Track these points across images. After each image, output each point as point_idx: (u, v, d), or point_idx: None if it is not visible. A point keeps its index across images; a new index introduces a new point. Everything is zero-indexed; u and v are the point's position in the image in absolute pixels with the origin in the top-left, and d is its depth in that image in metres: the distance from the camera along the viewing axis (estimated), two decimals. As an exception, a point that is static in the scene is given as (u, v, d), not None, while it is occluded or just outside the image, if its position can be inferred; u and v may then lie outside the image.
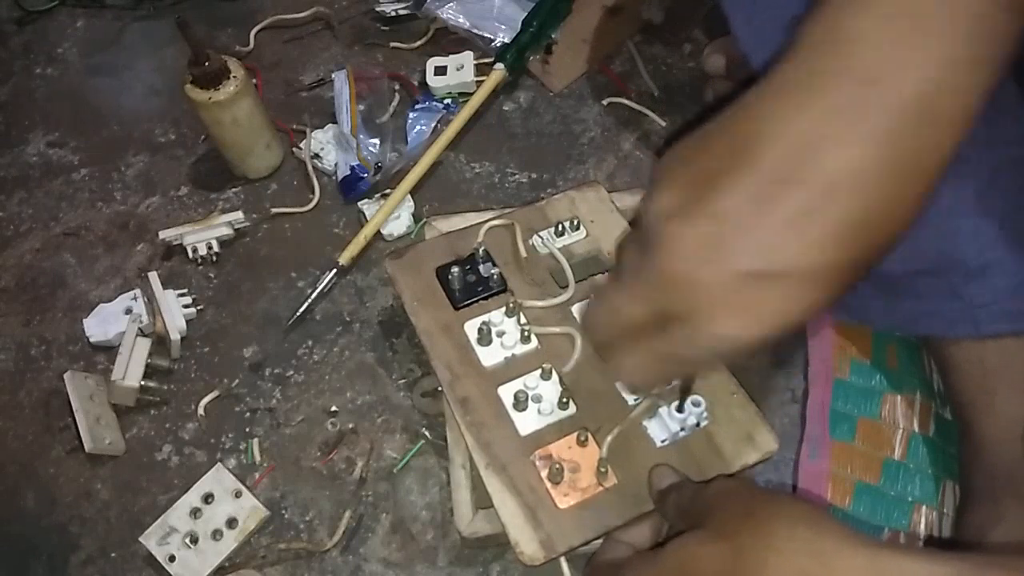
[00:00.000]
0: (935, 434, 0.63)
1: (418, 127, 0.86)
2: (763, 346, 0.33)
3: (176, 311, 0.74)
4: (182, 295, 0.76)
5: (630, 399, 0.57)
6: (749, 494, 0.41)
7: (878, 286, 0.61)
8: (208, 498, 0.65)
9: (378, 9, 0.97)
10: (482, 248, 0.64)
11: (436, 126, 0.86)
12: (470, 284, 0.63)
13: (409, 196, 0.80)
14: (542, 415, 0.56)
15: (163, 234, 0.79)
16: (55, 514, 0.67)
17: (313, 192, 0.84)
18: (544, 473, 0.54)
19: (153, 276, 0.75)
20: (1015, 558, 0.32)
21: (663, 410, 0.55)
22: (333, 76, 0.87)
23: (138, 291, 0.76)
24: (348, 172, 0.82)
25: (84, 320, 0.76)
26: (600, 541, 0.52)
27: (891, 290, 0.60)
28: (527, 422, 0.56)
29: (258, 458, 0.68)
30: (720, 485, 0.42)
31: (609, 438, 0.54)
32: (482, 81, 0.85)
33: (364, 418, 0.70)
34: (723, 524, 0.38)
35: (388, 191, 0.80)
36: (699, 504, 0.42)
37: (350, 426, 0.69)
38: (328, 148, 0.86)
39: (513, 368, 0.59)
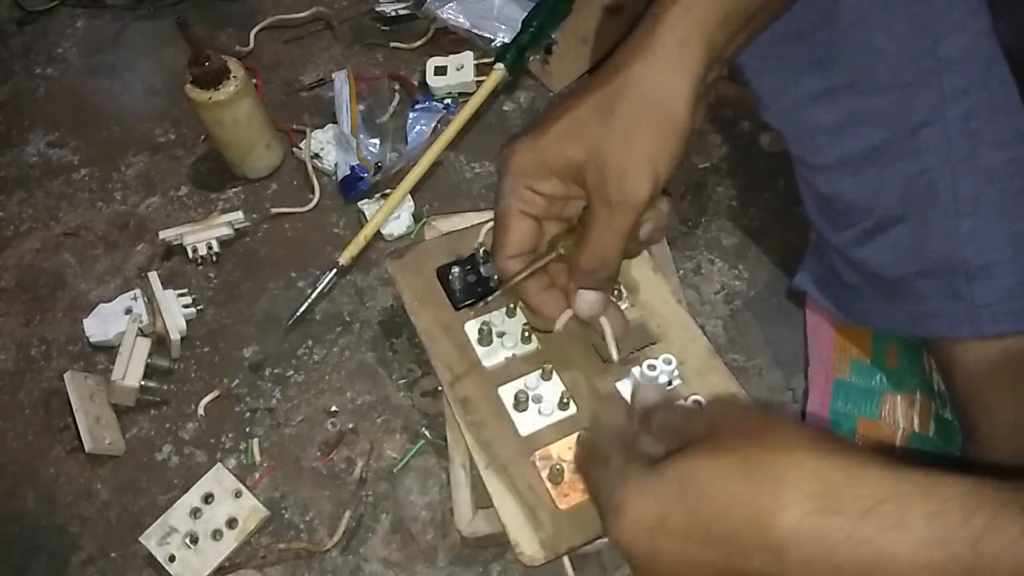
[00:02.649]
0: (935, 434, 0.63)
1: (418, 127, 0.86)
2: None
3: (176, 311, 0.74)
4: (182, 295, 0.76)
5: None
6: (752, 413, 0.40)
7: (878, 288, 0.61)
8: (208, 498, 0.65)
9: (378, 9, 0.97)
10: (483, 248, 0.64)
11: (436, 126, 0.86)
12: (471, 284, 0.63)
13: (409, 196, 0.80)
14: (542, 415, 0.56)
15: (163, 234, 0.79)
16: (55, 514, 0.67)
17: (313, 192, 0.84)
18: (544, 473, 0.54)
19: (153, 276, 0.75)
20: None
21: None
22: (333, 76, 0.87)
23: (138, 291, 0.76)
24: (348, 172, 0.82)
25: (84, 320, 0.76)
26: (601, 542, 0.52)
27: (892, 291, 0.60)
28: (527, 422, 0.56)
29: (258, 458, 0.68)
30: (719, 404, 0.41)
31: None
32: (482, 81, 0.85)
33: (364, 418, 0.70)
34: (727, 439, 0.36)
35: (388, 191, 0.80)
36: (696, 422, 0.40)
37: (350, 426, 0.69)
38: (328, 148, 0.86)
39: (513, 368, 0.59)
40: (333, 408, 0.70)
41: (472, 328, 0.61)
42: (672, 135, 0.45)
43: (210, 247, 0.79)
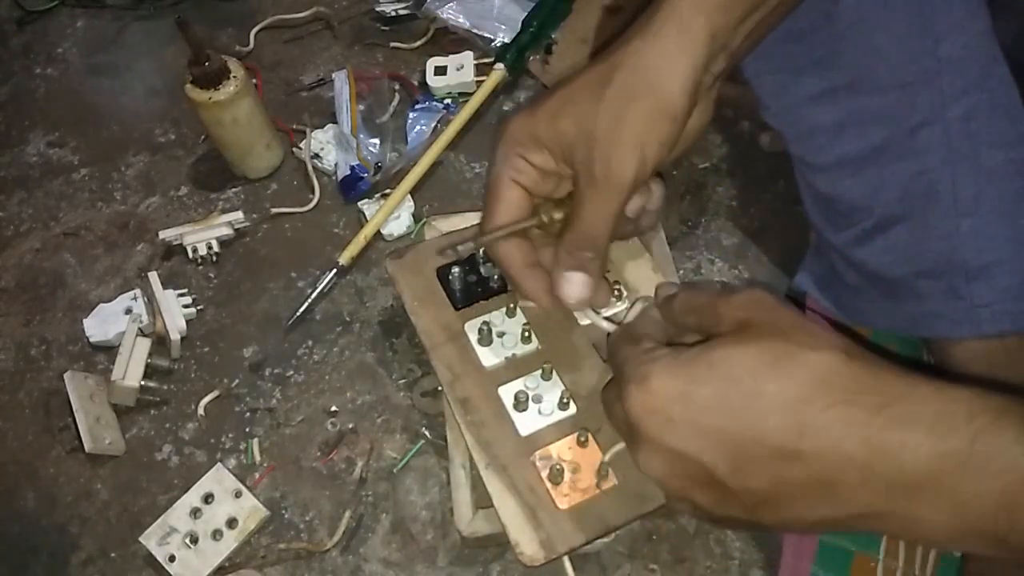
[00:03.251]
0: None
1: (418, 127, 0.86)
2: None
3: (176, 311, 0.74)
4: (182, 295, 0.76)
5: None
6: (784, 309, 0.40)
7: (879, 288, 0.61)
8: (208, 498, 0.65)
9: (378, 9, 0.97)
10: (483, 249, 0.63)
11: (436, 126, 0.86)
12: (471, 284, 0.63)
13: (409, 196, 0.80)
14: (542, 415, 0.56)
15: (163, 234, 0.79)
16: (55, 514, 0.67)
17: (313, 192, 0.84)
18: (544, 473, 0.54)
19: (153, 276, 0.75)
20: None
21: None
22: (333, 76, 0.87)
23: (138, 291, 0.76)
24: (348, 172, 0.82)
25: (84, 320, 0.76)
26: (601, 541, 0.52)
27: (892, 291, 0.60)
28: (527, 422, 0.56)
29: (258, 458, 0.68)
30: (751, 294, 0.40)
31: (614, 449, 0.53)
32: (482, 81, 0.84)
33: (364, 418, 0.70)
34: (759, 331, 0.37)
35: (388, 191, 0.80)
36: (723, 308, 0.40)
37: (350, 426, 0.69)
38: (328, 148, 0.86)
39: (513, 368, 0.59)
40: (333, 408, 0.70)
41: (472, 328, 0.60)
42: (664, 118, 0.44)
43: (210, 247, 0.79)
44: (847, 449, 0.33)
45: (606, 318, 0.60)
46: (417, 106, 0.88)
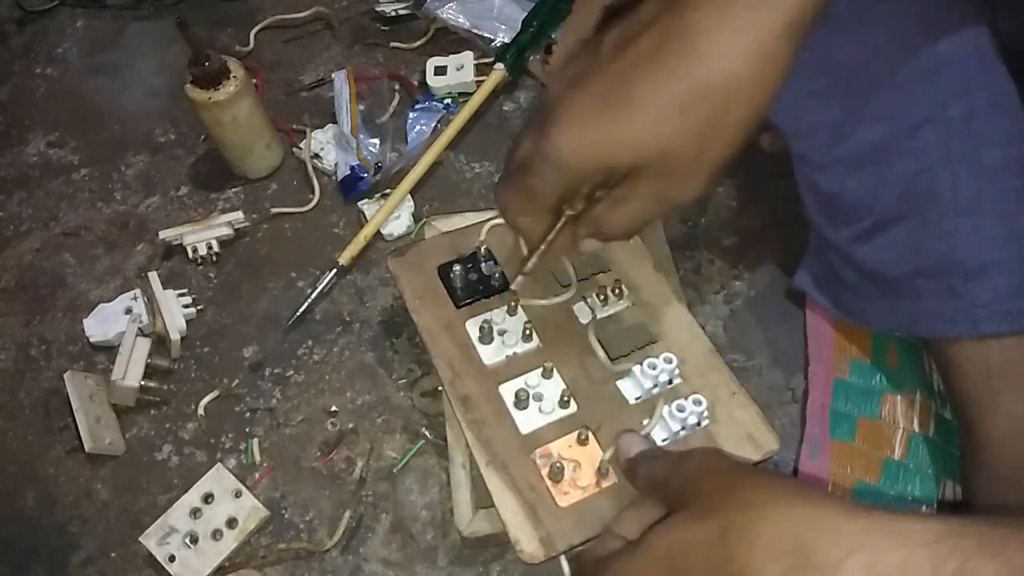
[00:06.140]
0: (935, 434, 0.63)
1: (418, 127, 0.86)
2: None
3: (176, 311, 0.74)
4: (182, 295, 0.76)
5: (631, 399, 0.57)
6: (730, 468, 0.40)
7: (877, 287, 0.61)
8: (208, 498, 0.65)
9: (378, 9, 0.97)
10: (484, 247, 0.64)
11: (436, 126, 0.86)
12: (472, 282, 0.63)
13: (409, 196, 0.80)
14: (543, 413, 0.56)
15: (163, 234, 0.79)
16: (55, 514, 0.67)
17: (313, 192, 0.84)
18: (544, 471, 0.54)
19: (153, 276, 0.75)
20: (1010, 521, 0.31)
21: (664, 409, 0.55)
22: (333, 76, 0.87)
23: (138, 291, 0.76)
24: (348, 172, 0.82)
25: (84, 320, 0.76)
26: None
27: (891, 291, 0.60)
28: (528, 420, 0.56)
29: (258, 458, 0.68)
30: (698, 461, 0.41)
31: (614, 448, 0.54)
32: (482, 81, 0.85)
33: (364, 418, 0.69)
34: (706, 501, 0.37)
35: (388, 191, 0.80)
36: (676, 480, 0.41)
37: (350, 426, 0.69)
38: (328, 148, 0.86)
39: (514, 366, 0.59)
40: (333, 408, 0.70)
41: (473, 326, 0.61)
42: (744, 138, 0.41)
43: (210, 247, 0.79)
44: None
45: (606, 317, 0.61)
46: (417, 106, 0.88)
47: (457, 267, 0.62)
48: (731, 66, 0.38)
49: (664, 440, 0.55)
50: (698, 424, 0.55)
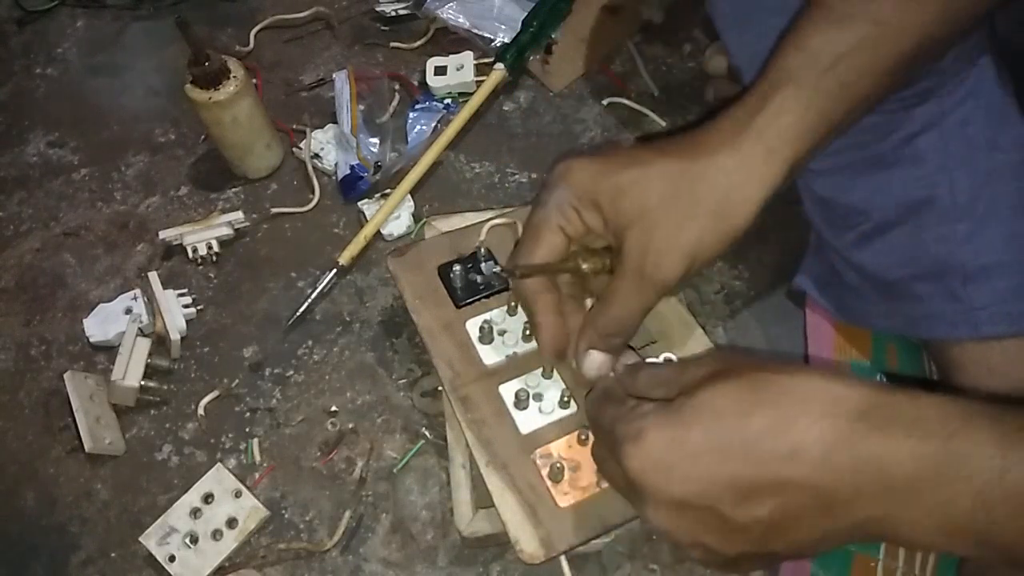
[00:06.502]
0: (935, 434, 0.63)
1: (418, 127, 0.86)
2: None
3: (176, 311, 0.74)
4: (182, 295, 0.76)
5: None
6: (750, 354, 0.41)
7: (878, 290, 0.61)
8: (208, 498, 0.65)
9: (378, 9, 0.97)
10: (484, 247, 0.64)
11: (436, 126, 0.86)
12: (472, 282, 0.63)
13: (409, 196, 0.80)
14: (543, 414, 0.56)
15: (163, 234, 0.79)
16: (55, 514, 0.67)
17: (313, 192, 0.84)
18: (545, 471, 0.54)
19: (153, 276, 0.75)
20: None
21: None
22: (333, 76, 0.87)
23: (138, 291, 0.76)
24: (348, 172, 0.82)
25: (84, 320, 0.76)
26: (600, 541, 0.52)
27: (891, 293, 0.60)
28: (528, 420, 0.56)
29: (258, 458, 0.68)
30: (715, 354, 0.42)
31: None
32: (482, 81, 0.85)
33: (364, 418, 0.69)
34: (735, 371, 0.38)
35: (388, 191, 0.80)
36: (693, 370, 0.41)
37: (350, 426, 0.69)
38: (328, 148, 0.86)
39: (514, 367, 0.59)
40: (333, 408, 0.70)
41: (473, 326, 0.61)
42: (725, 237, 0.45)
43: (210, 247, 0.79)
44: (836, 460, 0.34)
45: None
46: (417, 106, 0.88)
47: (457, 267, 0.62)
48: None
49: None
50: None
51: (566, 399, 0.56)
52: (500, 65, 0.84)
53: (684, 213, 0.45)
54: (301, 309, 0.74)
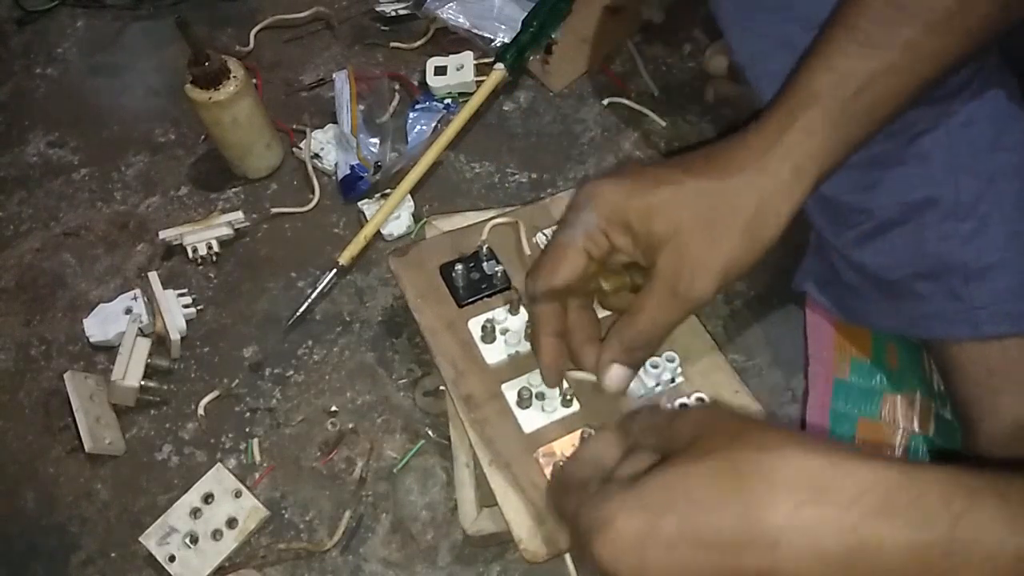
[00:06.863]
0: (935, 434, 0.63)
1: (418, 127, 0.86)
2: None
3: (176, 311, 0.74)
4: (182, 295, 0.76)
5: (634, 398, 0.57)
6: (735, 417, 0.40)
7: (878, 289, 0.61)
8: (208, 498, 0.64)
9: (378, 9, 0.97)
10: (486, 246, 0.64)
11: (436, 126, 0.86)
12: (474, 281, 0.63)
13: (409, 196, 0.80)
14: (546, 412, 0.56)
15: (163, 234, 0.79)
16: (55, 514, 0.67)
17: (313, 192, 0.84)
18: (547, 470, 0.54)
19: (153, 276, 0.75)
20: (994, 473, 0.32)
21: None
22: (334, 76, 0.87)
23: (138, 291, 0.76)
24: (348, 172, 0.82)
25: (84, 320, 0.75)
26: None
27: (891, 292, 0.60)
28: (531, 419, 0.56)
29: (258, 458, 0.68)
30: (702, 410, 0.42)
31: None
32: (482, 81, 0.85)
33: (364, 418, 0.69)
34: (711, 444, 0.36)
35: (388, 191, 0.80)
36: (679, 425, 0.39)
37: (350, 426, 0.69)
38: (328, 148, 0.86)
39: (517, 365, 0.59)
40: (333, 408, 0.70)
41: (475, 325, 0.61)
42: (756, 253, 0.46)
43: (210, 247, 0.79)
44: (825, 549, 0.32)
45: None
46: (417, 106, 0.88)
47: (459, 266, 0.62)
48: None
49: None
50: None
51: (568, 398, 0.56)
52: (500, 65, 0.84)
53: (717, 231, 0.46)
54: (301, 309, 0.74)
